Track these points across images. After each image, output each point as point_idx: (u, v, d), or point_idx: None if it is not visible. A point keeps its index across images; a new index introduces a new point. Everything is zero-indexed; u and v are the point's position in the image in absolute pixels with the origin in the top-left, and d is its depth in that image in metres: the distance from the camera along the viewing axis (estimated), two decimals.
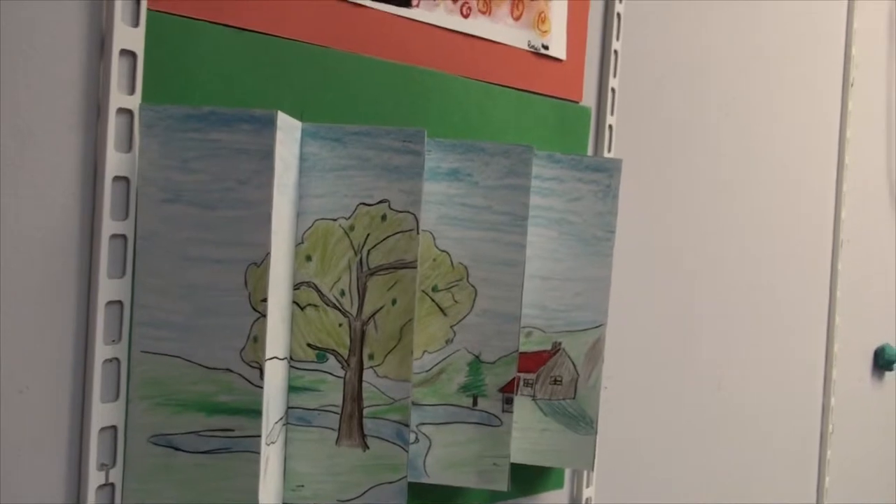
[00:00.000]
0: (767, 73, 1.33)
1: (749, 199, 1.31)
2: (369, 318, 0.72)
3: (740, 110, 1.28)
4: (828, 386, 1.51)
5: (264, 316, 0.63)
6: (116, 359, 0.63)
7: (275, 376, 0.67)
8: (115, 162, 0.62)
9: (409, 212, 0.71)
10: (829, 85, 1.50)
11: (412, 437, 0.80)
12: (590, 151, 1.01)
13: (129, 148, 0.63)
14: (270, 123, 0.62)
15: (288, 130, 0.66)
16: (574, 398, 0.90)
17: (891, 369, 1.67)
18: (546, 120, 0.94)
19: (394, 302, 0.72)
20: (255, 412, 0.63)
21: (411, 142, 0.71)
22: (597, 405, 0.90)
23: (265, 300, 0.63)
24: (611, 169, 0.89)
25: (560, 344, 0.90)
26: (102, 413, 0.62)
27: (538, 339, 0.89)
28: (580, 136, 0.99)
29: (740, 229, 1.30)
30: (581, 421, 0.90)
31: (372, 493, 0.73)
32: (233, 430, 0.64)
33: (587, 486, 1.03)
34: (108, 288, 0.62)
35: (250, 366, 0.63)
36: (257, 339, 0.63)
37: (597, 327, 0.89)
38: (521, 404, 0.89)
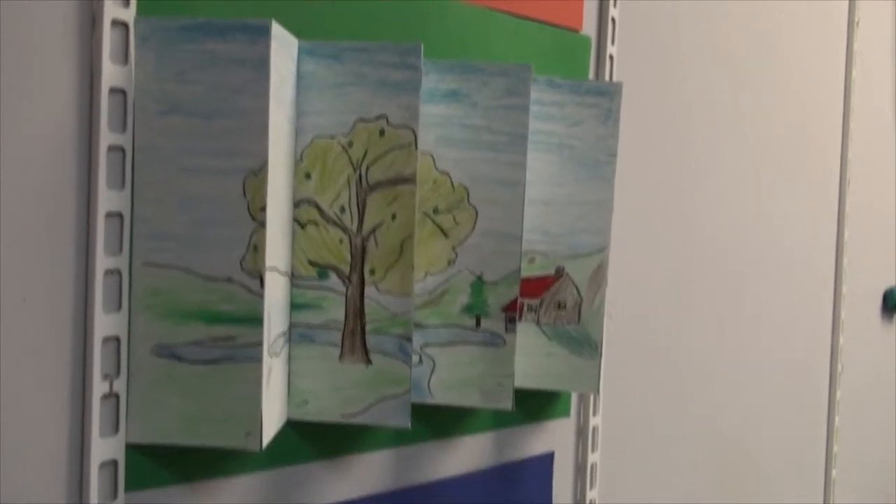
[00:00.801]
0: (772, 7, 1.32)
1: (754, 136, 1.31)
2: (370, 234, 0.72)
3: (744, 45, 1.27)
4: (836, 326, 1.51)
5: (263, 225, 0.63)
6: (118, 270, 0.63)
7: (275, 287, 0.67)
8: (111, 73, 0.62)
9: (407, 126, 0.71)
10: (835, 23, 1.49)
11: (416, 358, 0.80)
12: None
13: (126, 61, 0.63)
14: (265, 32, 0.62)
15: (283, 42, 0.66)
16: (578, 323, 0.90)
17: None
18: (546, 48, 0.94)
19: (393, 217, 0.72)
20: (256, 320, 0.64)
21: (408, 56, 0.71)
22: (601, 329, 0.90)
23: (264, 209, 0.63)
24: (611, 92, 0.88)
25: (563, 268, 0.90)
26: (105, 323, 0.63)
27: (541, 263, 0.90)
28: (580, 66, 0.98)
29: (744, 166, 1.29)
30: (586, 345, 0.90)
31: (375, 408, 0.73)
32: (234, 339, 0.64)
33: (594, 415, 1.03)
34: (108, 199, 0.62)
35: (250, 275, 0.64)
36: (257, 248, 0.63)
37: (600, 251, 0.89)
38: (526, 329, 0.90)
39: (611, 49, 1.02)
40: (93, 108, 0.62)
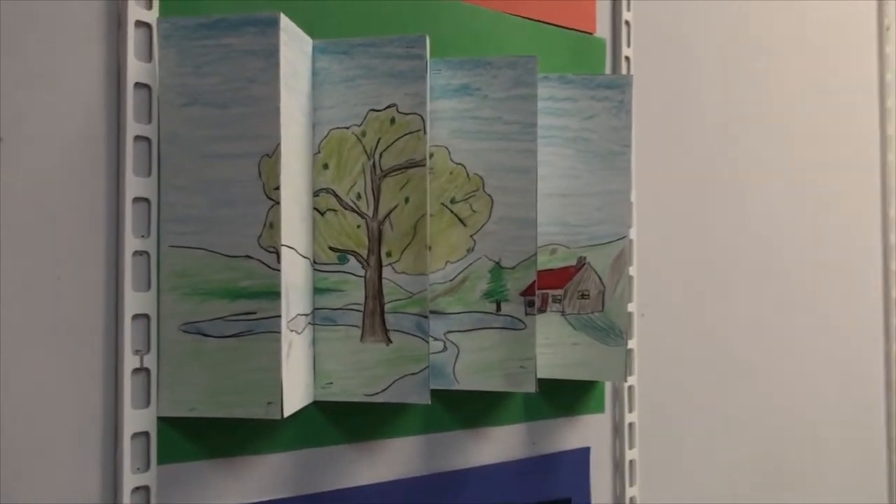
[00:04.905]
0: (798, 8, 1.34)
1: (787, 136, 1.31)
2: (385, 218, 0.76)
3: (769, 43, 1.29)
4: (889, 333, 1.49)
5: (278, 203, 0.67)
6: (146, 252, 0.68)
7: (293, 266, 0.71)
8: (135, 69, 0.67)
9: (415, 113, 0.75)
10: (864, 28, 1.49)
11: (440, 345, 0.83)
12: None
13: (150, 58, 0.69)
14: (274, 24, 0.67)
15: (294, 36, 0.71)
16: (602, 311, 0.92)
17: None
18: (560, 50, 0.97)
19: (406, 200, 0.76)
20: (275, 294, 0.67)
21: (414, 47, 0.75)
22: (625, 317, 0.91)
23: (278, 188, 0.67)
24: (623, 84, 0.91)
25: (585, 259, 0.92)
26: (135, 301, 0.67)
27: (563, 255, 0.92)
28: (597, 67, 1.01)
29: (779, 166, 1.30)
30: (611, 333, 0.92)
31: (396, 385, 0.76)
32: (255, 313, 0.68)
33: (630, 412, 1.04)
34: (135, 185, 0.67)
35: (267, 251, 0.68)
36: (273, 226, 0.67)
37: (619, 240, 0.91)
38: (551, 320, 0.91)
39: (626, 51, 1.05)
40: (120, 101, 0.67)
